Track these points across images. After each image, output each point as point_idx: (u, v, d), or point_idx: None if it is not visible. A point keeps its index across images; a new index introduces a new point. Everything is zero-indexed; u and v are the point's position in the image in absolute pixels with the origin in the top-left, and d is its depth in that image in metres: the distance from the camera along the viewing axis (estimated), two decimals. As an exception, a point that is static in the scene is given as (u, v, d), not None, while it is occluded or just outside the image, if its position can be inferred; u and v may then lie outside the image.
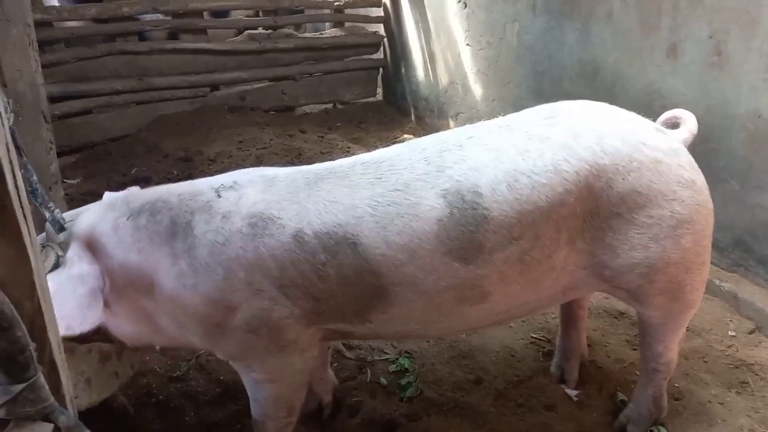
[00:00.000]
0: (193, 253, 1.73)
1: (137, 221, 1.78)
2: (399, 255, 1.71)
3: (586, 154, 1.77)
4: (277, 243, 1.71)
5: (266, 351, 1.82)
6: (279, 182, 1.82)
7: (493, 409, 2.41)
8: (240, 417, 2.38)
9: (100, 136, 5.40)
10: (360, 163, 1.84)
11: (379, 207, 1.72)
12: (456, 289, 1.76)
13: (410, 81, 6.13)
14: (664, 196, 1.80)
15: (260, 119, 5.81)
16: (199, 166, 4.82)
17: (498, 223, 1.72)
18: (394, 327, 1.89)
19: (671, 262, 1.86)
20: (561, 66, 4.05)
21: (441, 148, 1.83)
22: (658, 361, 2.14)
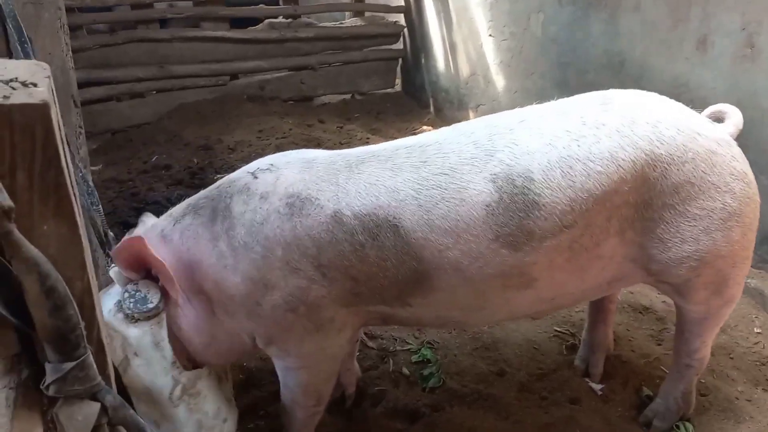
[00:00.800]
0: (231, 233, 1.75)
1: (183, 222, 1.81)
2: (443, 239, 1.69)
3: (643, 142, 1.73)
4: (314, 223, 1.71)
5: (304, 330, 1.82)
6: (318, 164, 1.82)
7: (517, 401, 2.40)
8: (263, 404, 2.38)
9: (122, 124, 5.43)
10: (404, 147, 1.82)
11: (424, 190, 1.70)
12: (502, 276, 1.74)
13: (430, 72, 6.10)
14: (717, 188, 1.77)
15: (279, 109, 5.81)
16: (219, 154, 4.83)
17: (549, 210, 1.68)
18: (436, 312, 1.87)
19: (720, 256, 1.83)
20: (586, 57, 4.01)
21: (491, 131, 1.79)
22: (692, 357, 2.12)
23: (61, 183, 0.79)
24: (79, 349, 0.83)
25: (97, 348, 0.91)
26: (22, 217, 0.79)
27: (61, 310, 0.79)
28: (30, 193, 0.79)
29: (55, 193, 0.80)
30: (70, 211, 0.81)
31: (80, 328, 0.82)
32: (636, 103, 1.85)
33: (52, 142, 0.78)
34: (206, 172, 4.56)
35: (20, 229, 0.76)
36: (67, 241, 0.82)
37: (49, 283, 0.77)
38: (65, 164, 0.82)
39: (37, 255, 0.75)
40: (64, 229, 0.82)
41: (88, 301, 0.88)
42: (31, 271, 0.75)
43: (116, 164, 4.80)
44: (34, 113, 0.76)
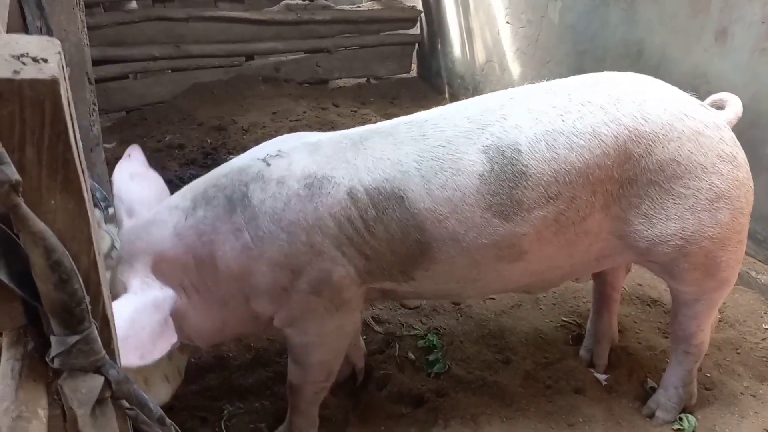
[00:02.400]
0: (255, 223, 1.77)
1: (196, 216, 1.81)
2: (442, 209, 1.76)
3: (627, 119, 1.79)
4: (334, 201, 1.76)
5: (325, 311, 1.88)
6: (324, 145, 1.86)
7: (521, 389, 2.41)
8: (270, 383, 2.41)
9: (136, 102, 5.44)
10: (403, 123, 1.90)
11: (424, 162, 1.77)
12: (495, 246, 1.81)
13: (446, 58, 6.06)
14: (704, 168, 1.81)
15: (294, 91, 5.80)
16: (232, 135, 4.84)
17: (536, 181, 1.76)
18: (435, 285, 1.94)
19: (707, 236, 1.86)
20: (604, 46, 3.96)
21: (483, 107, 1.87)
22: (689, 343, 2.13)
23: (69, 159, 0.80)
24: (84, 323, 0.84)
25: (102, 323, 0.92)
26: (30, 191, 0.80)
27: (66, 284, 0.80)
28: (38, 167, 0.80)
29: (63, 169, 0.81)
30: (77, 187, 0.82)
31: (85, 303, 0.83)
32: (625, 84, 1.90)
33: (61, 117, 0.79)
34: (219, 153, 4.57)
35: (28, 203, 0.77)
36: (74, 216, 0.83)
37: (55, 256, 0.78)
38: (73, 140, 0.83)
39: (44, 229, 0.76)
40: (71, 204, 0.82)
41: (94, 276, 0.89)
42: (38, 245, 0.76)
43: (130, 142, 4.76)
44: (43, 89, 0.76)
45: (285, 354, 2.52)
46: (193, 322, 1.84)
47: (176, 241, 1.79)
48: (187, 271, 1.81)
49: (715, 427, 2.22)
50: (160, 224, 1.83)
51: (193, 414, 2.29)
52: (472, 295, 2.39)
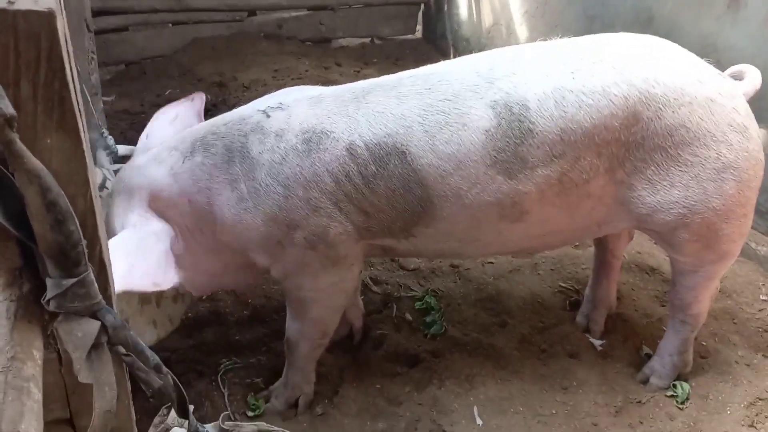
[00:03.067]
0: (251, 175, 1.75)
1: (193, 161, 1.80)
2: (445, 165, 1.73)
3: (638, 81, 1.75)
4: (331, 157, 1.73)
5: (321, 266, 1.87)
6: (325, 98, 1.83)
7: (517, 352, 2.42)
8: (267, 340, 2.42)
9: (136, 55, 5.36)
10: (408, 77, 1.85)
11: (428, 116, 1.73)
12: (498, 204, 1.79)
13: (452, 19, 5.95)
14: (713, 137, 1.77)
15: (296, 49, 5.71)
16: (233, 92, 4.78)
17: (542, 139, 1.73)
18: (435, 243, 1.92)
19: (710, 207, 1.83)
20: (614, 11, 3.89)
21: (492, 61, 1.83)
22: (686, 312, 2.13)
23: (65, 96, 0.78)
24: (80, 266, 0.83)
25: (99, 267, 0.90)
26: (26, 128, 0.77)
27: (62, 225, 0.78)
28: (34, 104, 0.78)
29: (60, 106, 0.78)
30: (74, 126, 0.80)
31: (82, 246, 0.82)
32: (640, 45, 1.86)
33: (58, 53, 0.76)
34: (219, 110, 4.51)
35: (23, 141, 0.75)
36: (71, 156, 0.81)
37: (51, 196, 0.76)
38: (71, 78, 0.80)
39: (39, 167, 0.74)
40: (67, 143, 0.80)
41: (91, 220, 0.87)
42: (33, 183, 0.74)
43: (129, 95, 4.77)
44: (39, 21, 0.73)
45: (282, 311, 2.52)
46: (188, 266, 1.84)
47: (171, 181, 1.79)
48: (182, 214, 1.81)
49: (709, 395, 2.24)
50: (158, 163, 1.83)
51: (189, 367, 2.30)
52: (472, 255, 2.39)
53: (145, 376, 1.00)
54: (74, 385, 0.96)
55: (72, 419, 1.00)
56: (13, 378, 0.74)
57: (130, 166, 1.86)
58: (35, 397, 0.75)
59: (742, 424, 2.13)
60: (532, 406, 2.20)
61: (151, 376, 1.00)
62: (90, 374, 0.86)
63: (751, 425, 2.13)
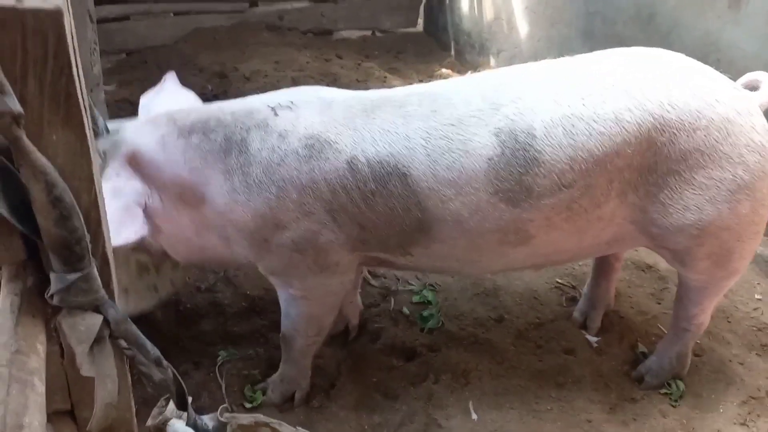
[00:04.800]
0: (247, 170, 1.74)
1: (189, 140, 1.77)
2: (446, 190, 1.69)
3: (652, 105, 1.69)
4: (331, 168, 1.71)
5: (308, 269, 1.85)
6: (336, 106, 1.79)
7: (513, 347, 2.43)
8: (264, 331, 2.43)
9: (137, 44, 5.34)
10: (416, 94, 1.81)
11: (432, 140, 1.70)
12: (500, 231, 1.75)
13: (454, 13, 5.94)
14: (729, 159, 1.71)
15: (297, 41, 5.70)
16: (234, 83, 4.77)
17: (549, 168, 1.67)
18: (434, 262, 1.90)
19: (725, 228, 1.79)
20: (615, 8, 3.89)
21: (497, 83, 1.78)
22: (690, 322, 2.13)
23: (71, 93, 0.78)
24: (84, 261, 0.84)
25: (102, 262, 0.91)
26: (32, 124, 0.78)
27: (67, 221, 0.79)
28: (40, 100, 0.78)
29: (66, 103, 0.79)
30: (79, 122, 0.81)
31: (86, 241, 0.83)
32: (654, 63, 1.79)
33: (65, 50, 0.77)
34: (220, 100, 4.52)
35: (29, 136, 0.76)
36: (76, 152, 0.82)
37: (56, 192, 0.77)
38: (77, 75, 0.81)
39: (45, 163, 0.75)
40: (72, 139, 0.81)
41: (95, 215, 0.88)
42: (39, 179, 0.75)
43: (129, 85, 4.76)
44: (47, 19, 0.74)
45: (280, 303, 2.54)
46: (167, 232, 1.84)
47: (159, 149, 1.77)
48: (163, 181, 1.78)
49: (702, 393, 2.26)
50: (153, 127, 1.81)
51: (187, 358, 2.32)
52: (473, 273, 2.36)
53: (145, 369, 1.01)
54: (76, 377, 0.97)
55: (73, 410, 1.02)
56: (17, 371, 0.75)
57: (129, 124, 1.86)
58: (39, 390, 0.77)
59: (735, 423, 2.16)
60: (528, 401, 2.22)
61: (151, 369, 1.02)
62: (92, 367, 0.87)
63: (744, 423, 2.15)
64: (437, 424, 2.12)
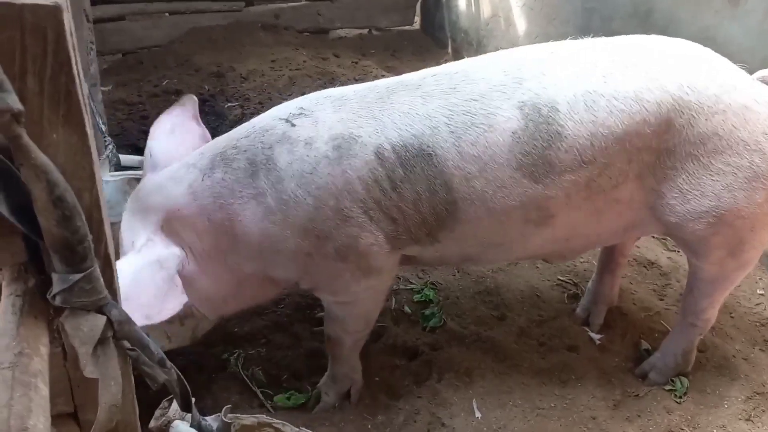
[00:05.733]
0: (279, 187, 1.69)
1: (213, 177, 1.72)
2: (471, 167, 1.69)
3: (672, 87, 1.70)
4: (361, 163, 1.68)
5: (352, 277, 1.83)
6: (349, 100, 1.77)
7: (515, 345, 2.42)
8: (266, 332, 2.42)
9: (133, 45, 5.33)
10: (431, 75, 1.80)
11: (455, 116, 1.68)
12: (523, 208, 1.75)
13: (450, 11, 5.93)
14: (746, 145, 1.72)
15: (294, 40, 5.68)
16: (230, 82, 4.75)
17: (571, 143, 1.68)
18: (460, 248, 1.89)
19: (740, 216, 1.79)
20: (612, 4, 3.88)
21: (521, 60, 1.78)
22: (698, 317, 2.12)
23: (71, 91, 0.77)
24: (87, 261, 0.82)
25: (104, 262, 0.90)
26: (32, 123, 0.77)
27: (69, 221, 0.77)
28: (40, 98, 0.77)
29: (66, 101, 0.78)
30: (80, 120, 0.79)
31: (88, 241, 0.81)
32: (673, 50, 1.81)
33: (64, 47, 0.76)
34: (217, 100, 4.50)
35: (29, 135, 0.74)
36: (77, 151, 0.80)
37: (58, 192, 0.75)
38: (76, 72, 0.79)
39: (47, 162, 0.74)
40: (73, 138, 0.80)
41: (97, 215, 0.87)
42: (40, 179, 0.74)
43: (126, 86, 4.74)
44: (45, 15, 0.73)
45: (281, 303, 2.53)
46: (203, 288, 1.77)
47: (190, 200, 1.72)
48: (199, 233, 1.74)
49: (707, 389, 2.25)
50: (176, 181, 1.75)
51: (189, 360, 2.30)
52: (496, 259, 2.34)
53: (149, 371, 1.00)
54: (79, 379, 0.96)
55: (76, 413, 1.00)
56: (20, 374, 0.73)
57: (146, 185, 1.78)
58: (42, 393, 0.75)
59: (740, 418, 2.15)
60: (531, 399, 2.21)
61: (155, 370, 1.00)
62: (96, 369, 0.86)
63: (749, 419, 2.15)
64: (441, 423, 2.11)
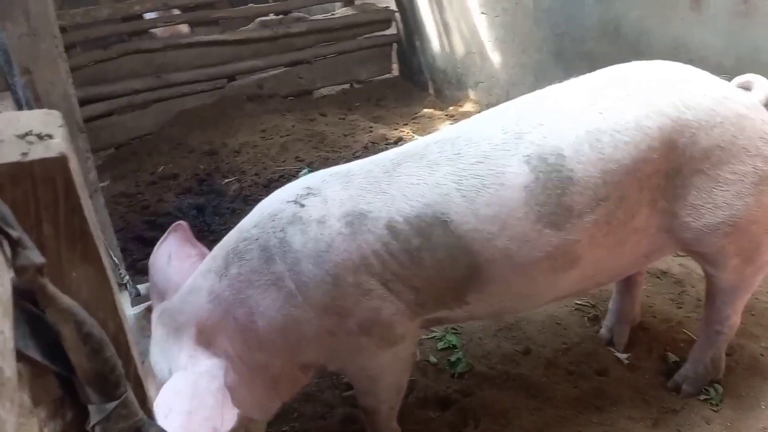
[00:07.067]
0: (297, 269, 1.68)
1: (230, 275, 1.71)
2: (490, 227, 1.68)
3: (669, 109, 1.73)
4: (374, 237, 1.68)
5: (377, 348, 1.82)
6: (355, 176, 1.78)
7: (545, 378, 2.42)
8: (296, 405, 2.41)
9: (124, 137, 5.45)
10: (434, 143, 1.81)
11: (464, 181, 1.69)
12: (549, 257, 1.74)
13: (426, 54, 6.07)
14: (747, 152, 1.77)
15: (280, 106, 5.81)
16: (224, 158, 4.84)
17: (584, 185, 1.69)
18: (490, 305, 1.88)
19: (753, 221, 1.83)
20: (581, 26, 3.98)
21: (516, 114, 1.80)
22: (723, 324, 2.12)
23: (85, 230, 0.81)
24: (120, 387, 0.85)
25: (136, 383, 0.93)
26: (51, 266, 0.81)
27: (99, 353, 0.81)
28: (57, 242, 0.81)
29: (81, 240, 0.82)
30: (96, 256, 0.83)
31: (119, 368, 0.84)
32: (660, 73, 1.85)
33: (73, 190, 0.80)
34: (214, 178, 4.58)
35: (50, 277, 0.78)
36: (97, 284, 0.84)
37: (86, 329, 0.79)
38: (87, 210, 0.84)
39: (72, 304, 0.77)
40: (92, 273, 0.84)
41: (123, 339, 0.90)
42: (68, 321, 0.77)
43: (123, 178, 4.83)
44: (53, 166, 0.77)
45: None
46: (244, 394, 1.73)
47: (213, 306, 1.70)
48: (229, 337, 1.71)
49: (741, 393, 2.24)
50: (196, 292, 1.74)
51: None
52: (528, 308, 2.32)
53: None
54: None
55: None
56: None
57: (168, 310, 1.75)
58: None
59: (780, 418, 2.13)
60: (570, 431, 2.20)
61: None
62: (142, 490, 0.88)
63: (789, 417, 2.13)
64: (485, 470, 2.10)
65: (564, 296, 2.03)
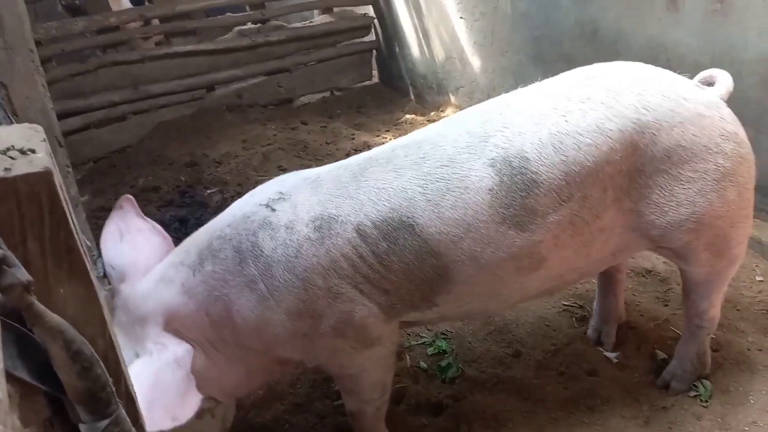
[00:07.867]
0: (268, 273, 1.72)
1: (204, 272, 1.76)
2: (455, 230, 1.72)
3: (629, 111, 1.77)
4: (344, 241, 1.72)
5: (353, 350, 1.85)
6: (324, 182, 1.82)
7: (536, 380, 2.42)
8: (287, 416, 2.40)
9: (103, 151, 5.38)
10: (400, 147, 1.85)
11: (429, 185, 1.73)
12: (514, 258, 1.78)
13: (406, 60, 6.08)
14: (708, 150, 1.80)
15: (260, 115, 5.77)
16: (206, 169, 4.79)
17: (547, 186, 1.72)
18: (459, 307, 1.91)
19: (718, 216, 1.86)
20: (559, 29, 4.01)
21: (481, 118, 1.83)
22: (702, 318, 2.15)
23: (71, 246, 0.79)
24: (111, 405, 0.83)
25: (127, 399, 0.91)
26: (38, 282, 0.79)
27: (89, 371, 0.79)
28: (43, 259, 0.79)
29: (68, 256, 0.80)
30: (83, 271, 0.81)
31: (110, 386, 0.83)
32: (620, 74, 1.87)
33: (58, 206, 0.78)
34: (195, 189, 4.53)
35: (37, 294, 0.76)
36: (85, 301, 0.83)
37: (75, 347, 0.77)
38: (73, 226, 0.82)
39: (60, 322, 0.76)
40: (80, 290, 0.82)
41: (112, 356, 0.88)
42: (56, 338, 0.75)
43: (103, 192, 4.76)
44: (38, 181, 0.75)
45: (298, 385, 2.52)
46: (214, 378, 1.80)
47: (186, 299, 1.74)
48: (201, 328, 1.76)
49: (730, 388, 2.26)
50: (167, 283, 1.77)
51: None
52: (496, 310, 2.36)
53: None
54: None
55: None
56: None
57: (133, 295, 1.77)
58: None
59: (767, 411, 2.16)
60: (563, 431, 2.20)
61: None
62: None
63: (777, 410, 2.15)
64: (479, 475, 2.09)
65: (533, 296, 2.06)
